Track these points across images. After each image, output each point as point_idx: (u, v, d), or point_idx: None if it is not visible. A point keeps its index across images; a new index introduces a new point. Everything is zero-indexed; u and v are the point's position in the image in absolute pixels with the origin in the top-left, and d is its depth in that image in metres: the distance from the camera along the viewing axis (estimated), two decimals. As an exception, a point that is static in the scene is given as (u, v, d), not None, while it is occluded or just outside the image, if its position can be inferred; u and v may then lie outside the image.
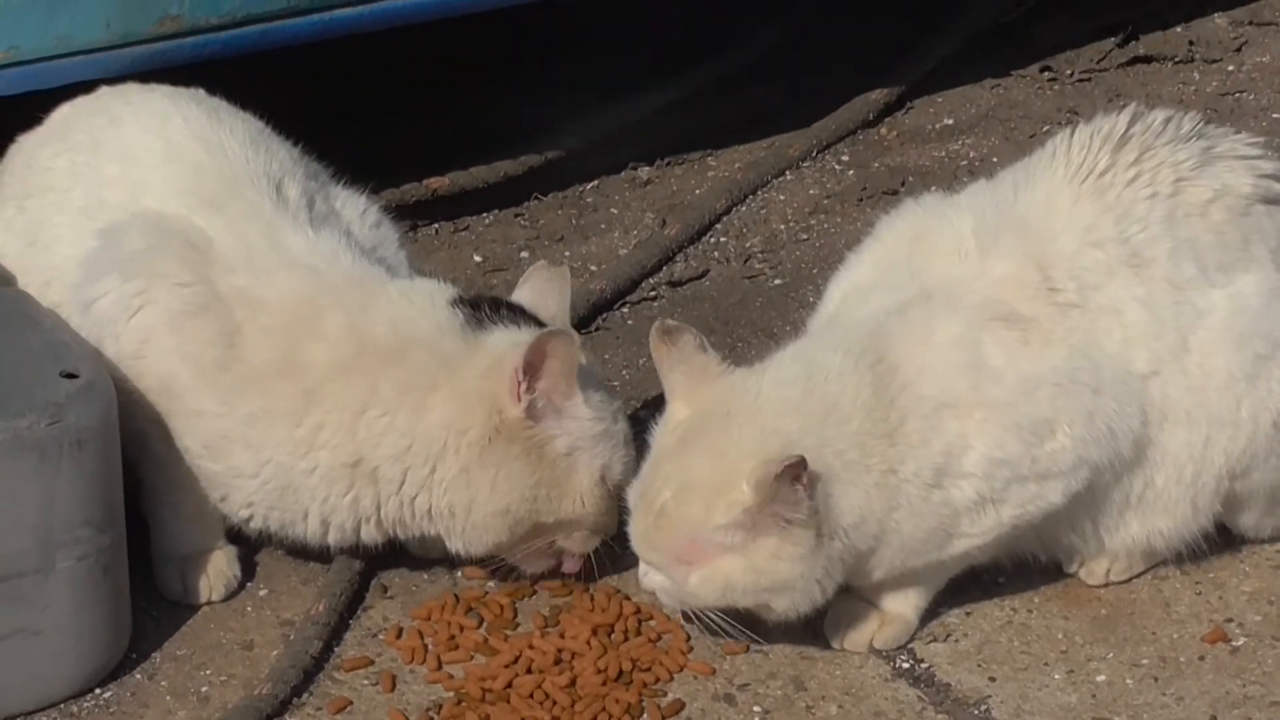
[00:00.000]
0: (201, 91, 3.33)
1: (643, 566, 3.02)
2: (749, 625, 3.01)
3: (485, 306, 3.12)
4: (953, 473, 2.95)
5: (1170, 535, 3.13)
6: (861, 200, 4.17)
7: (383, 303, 3.11)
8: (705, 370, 3.00)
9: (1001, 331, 2.99)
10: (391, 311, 3.10)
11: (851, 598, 3.09)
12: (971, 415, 2.95)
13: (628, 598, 3.16)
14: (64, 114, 3.33)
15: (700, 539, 2.91)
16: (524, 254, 4.02)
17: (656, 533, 2.95)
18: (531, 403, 3.03)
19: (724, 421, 2.95)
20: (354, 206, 3.36)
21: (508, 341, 3.06)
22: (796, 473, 2.83)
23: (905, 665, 3.09)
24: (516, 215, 4.14)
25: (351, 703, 3.02)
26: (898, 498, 2.95)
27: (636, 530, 2.99)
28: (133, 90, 3.35)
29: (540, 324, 3.14)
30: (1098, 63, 4.60)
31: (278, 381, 3.05)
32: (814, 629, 3.08)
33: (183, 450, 3.10)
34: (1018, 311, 3.01)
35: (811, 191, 4.21)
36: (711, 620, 3.00)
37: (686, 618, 3.06)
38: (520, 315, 3.14)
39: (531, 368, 3.01)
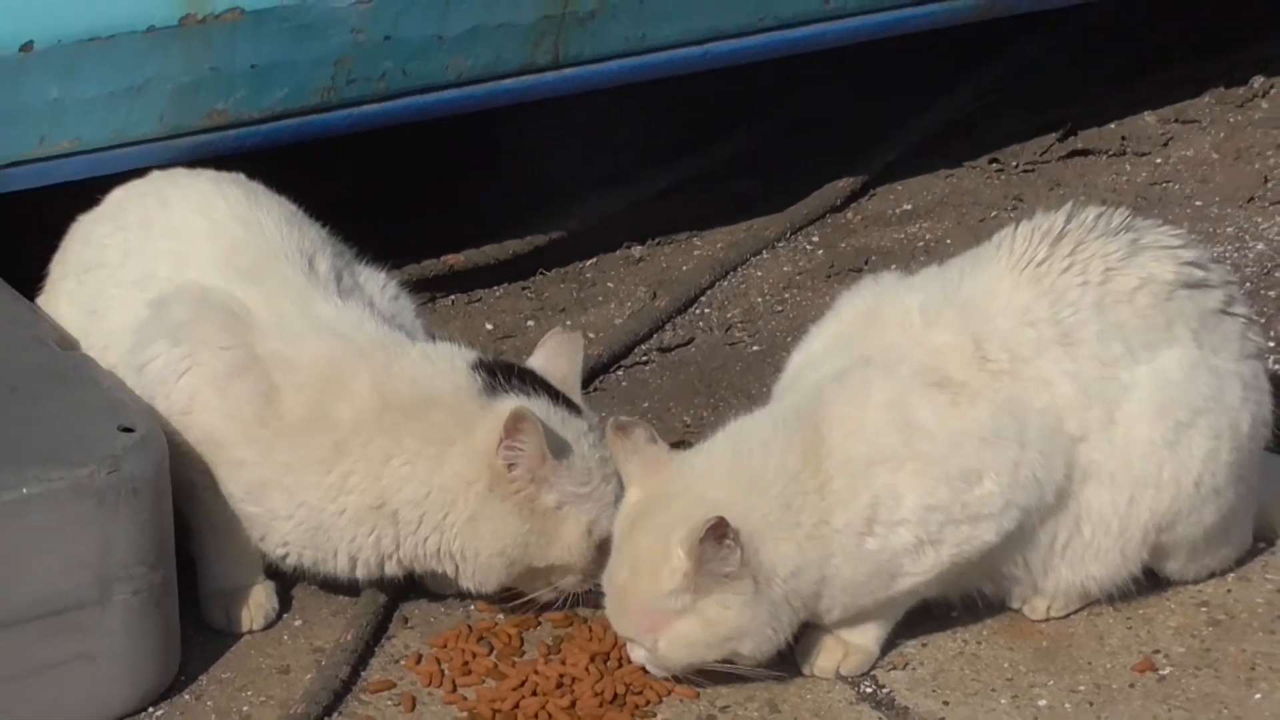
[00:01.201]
0: (242, 176, 3.36)
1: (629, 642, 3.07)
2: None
3: (500, 373, 3.14)
4: (886, 521, 2.96)
5: (1103, 580, 3.15)
6: (830, 277, 4.18)
7: (405, 363, 3.14)
8: (656, 459, 3.02)
9: (933, 394, 2.99)
10: (413, 371, 3.13)
11: (820, 631, 3.11)
12: (904, 468, 2.96)
13: (621, 629, 3.17)
14: (118, 196, 3.36)
15: (655, 609, 2.94)
16: (530, 323, 4.04)
17: (622, 610, 2.99)
18: (512, 466, 3.07)
19: (665, 501, 2.98)
20: (375, 281, 3.39)
21: (510, 408, 3.08)
22: (720, 532, 2.85)
23: (869, 690, 3.10)
24: (524, 288, 4.16)
25: (376, 721, 3.06)
26: (831, 547, 2.96)
27: (610, 612, 3.03)
28: (180, 174, 3.37)
29: (550, 389, 3.17)
30: (1040, 155, 4.60)
31: (310, 434, 3.09)
32: (787, 657, 3.10)
33: (226, 496, 3.13)
34: (950, 376, 3.01)
35: (786, 269, 4.23)
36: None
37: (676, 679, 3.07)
38: (532, 382, 3.15)
39: (509, 438, 3.05)
